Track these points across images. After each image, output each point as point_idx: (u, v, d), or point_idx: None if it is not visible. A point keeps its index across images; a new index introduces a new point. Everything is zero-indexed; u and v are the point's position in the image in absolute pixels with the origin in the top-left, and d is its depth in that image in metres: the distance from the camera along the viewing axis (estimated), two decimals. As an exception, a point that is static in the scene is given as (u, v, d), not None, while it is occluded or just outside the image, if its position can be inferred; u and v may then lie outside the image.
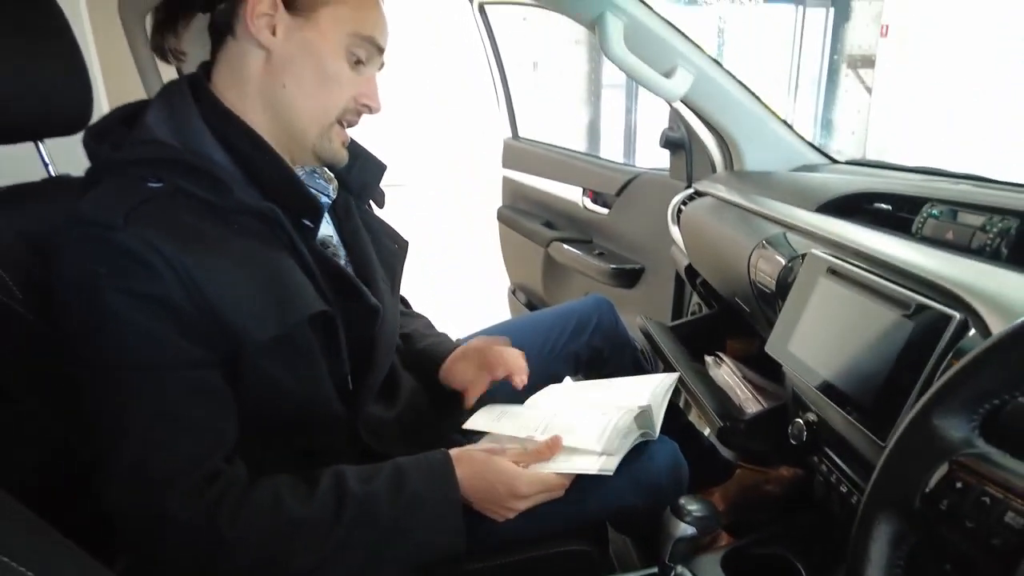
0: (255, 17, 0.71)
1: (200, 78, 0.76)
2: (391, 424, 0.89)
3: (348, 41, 0.74)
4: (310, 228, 0.77)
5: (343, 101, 0.77)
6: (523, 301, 2.43)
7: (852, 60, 7.70)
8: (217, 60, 0.76)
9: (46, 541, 0.43)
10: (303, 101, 0.75)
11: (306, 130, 0.76)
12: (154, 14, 0.78)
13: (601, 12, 1.25)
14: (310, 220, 0.76)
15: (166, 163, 0.67)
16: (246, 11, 0.71)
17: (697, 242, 1.40)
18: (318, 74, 0.74)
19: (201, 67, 0.78)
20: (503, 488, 0.75)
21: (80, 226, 0.62)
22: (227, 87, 0.75)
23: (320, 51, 0.73)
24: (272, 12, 0.71)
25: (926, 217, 0.86)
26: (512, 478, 0.76)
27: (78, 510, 0.70)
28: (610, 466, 0.77)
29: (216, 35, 0.76)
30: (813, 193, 1.08)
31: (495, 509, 0.76)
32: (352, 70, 0.76)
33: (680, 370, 1.22)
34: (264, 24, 0.71)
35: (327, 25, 0.73)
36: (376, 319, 0.82)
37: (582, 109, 7.76)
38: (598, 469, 0.77)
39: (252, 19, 0.71)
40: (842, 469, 0.81)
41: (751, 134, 1.40)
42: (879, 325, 0.72)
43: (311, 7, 0.72)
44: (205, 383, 0.66)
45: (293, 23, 0.72)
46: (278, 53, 0.73)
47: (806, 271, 0.87)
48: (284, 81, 0.74)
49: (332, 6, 0.73)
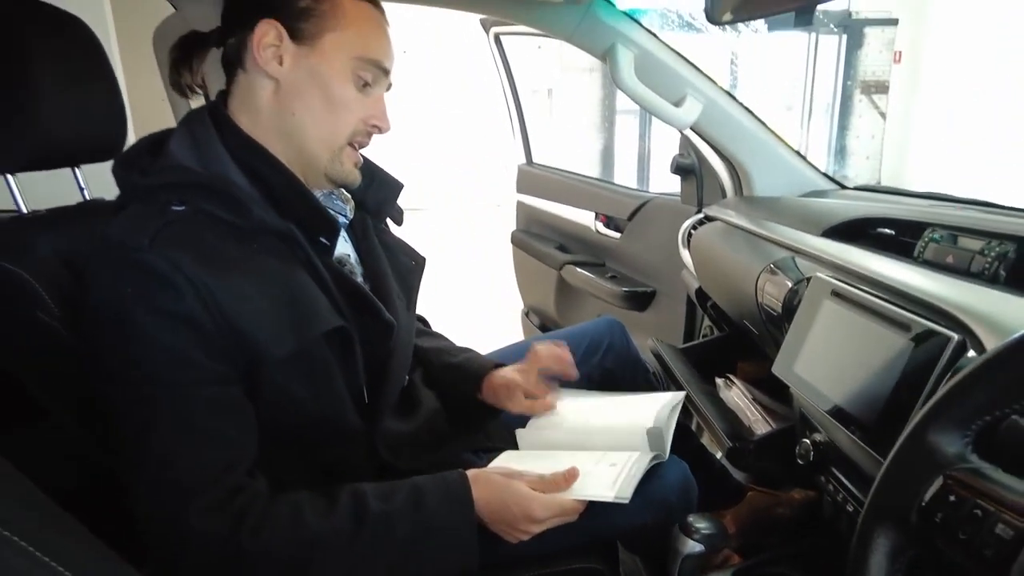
0: (262, 49, 0.74)
1: (218, 106, 0.79)
2: (408, 439, 0.90)
3: (353, 65, 0.77)
4: (326, 246, 0.80)
5: (352, 124, 0.79)
6: (536, 323, 2.45)
7: (866, 86, 7.73)
8: (231, 91, 0.80)
9: (84, 544, 0.45)
10: (313, 127, 0.78)
11: (318, 154, 0.79)
12: (169, 52, 0.83)
13: (612, 44, 1.29)
14: (326, 238, 0.79)
15: (188, 187, 0.71)
16: (253, 44, 0.74)
17: (707, 266, 1.42)
18: (326, 100, 0.77)
19: (219, 95, 0.82)
20: (519, 511, 0.75)
21: (108, 248, 0.66)
22: (241, 115, 0.78)
23: (326, 77, 0.76)
24: (278, 43, 0.75)
25: (927, 241, 0.88)
26: (528, 501, 0.76)
27: (109, 519, 0.73)
28: (626, 493, 0.77)
29: (228, 68, 0.80)
30: (819, 218, 1.10)
31: (509, 531, 0.77)
32: (360, 92, 0.79)
33: (691, 392, 1.24)
34: (271, 55, 0.75)
35: (332, 51, 0.76)
36: (391, 334, 0.84)
37: (596, 135, 7.84)
38: (614, 496, 0.77)
39: (259, 51, 0.74)
40: (848, 489, 0.82)
41: (760, 160, 1.43)
42: (881, 346, 0.73)
43: (315, 35, 0.75)
44: (227, 398, 0.68)
45: (299, 52, 0.75)
46: (286, 82, 0.76)
47: (811, 294, 0.89)
48: (294, 109, 0.77)
49: (335, 32, 0.76)
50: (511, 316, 2.74)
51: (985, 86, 6.24)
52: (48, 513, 0.44)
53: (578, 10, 1.27)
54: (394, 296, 0.90)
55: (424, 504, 0.73)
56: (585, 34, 1.30)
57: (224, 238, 0.70)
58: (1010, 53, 5.89)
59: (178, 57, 0.83)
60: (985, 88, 6.25)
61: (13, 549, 0.36)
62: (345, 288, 0.80)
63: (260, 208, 0.73)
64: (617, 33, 1.29)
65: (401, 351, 0.89)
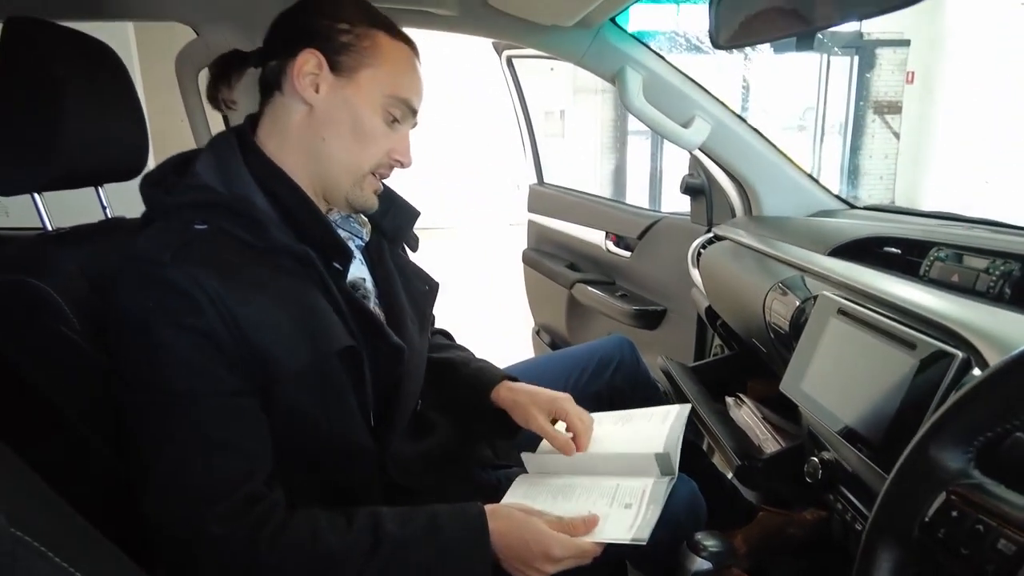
0: (301, 76, 0.78)
1: (245, 130, 0.83)
2: (418, 459, 0.91)
3: (384, 101, 0.81)
4: (339, 271, 0.82)
5: (377, 156, 0.83)
6: (547, 341, 2.46)
7: (879, 106, 7.73)
8: (263, 112, 0.83)
9: (100, 550, 0.47)
10: (340, 153, 0.81)
11: (341, 180, 0.82)
12: (210, 68, 0.87)
13: (621, 66, 1.32)
14: (339, 263, 0.82)
15: (210, 206, 0.74)
16: (293, 70, 0.78)
17: (716, 284, 1.43)
18: (355, 130, 0.80)
19: (247, 120, 0.85)
20: (537, 549, 0.75)
21: (133, 262, 0.69)
22: (270, 137, 0.82)
23: (358, 109, 0.80)
24: (317, 72, 0.78)
25: (933, 260, 0.89)
26: (548, 539, 0.75)
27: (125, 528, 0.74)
28: (643, 535, 0.76)
29: (265, 89, 0.83)
30: (826, 237, 1.11)
31: (523, 568, 0.76)
32: (387, 127, 0.82)
33: (701, 410, 1.24)
34: (309, 82, 0.78)
35: (366, 86, 0.80)
36: (401, 357, 0.85)
37: (608, 156, 7.88)
38: (631, 539, 0.76)
39: (299, 78, 0.78)
40: (856, 507, 0.82)
41: (769, 180, 1.44)
42: (887, 364, 0.74)
43: (353, 69, 0.79)
44: (245, 410, 0.70)
45: (336, 82, 0.79)
46: (320, 109, 0.79)
47: (817, 312, 0.90)
48: (324, 135, 0.80)
49: (372, 68, 0.80)
50: (523, 334, 2.74)
51: (999, 105, 6.22)
52: (67, 520, 0.46)
53: (588, 34, 1.30)
54: (408, 320, 0.91)
55: (441, 532, 0.73)
56: (595, 57, 1.33)
57: (242, 257, 0.72)
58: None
59: (218, 73, 0.86)
60: (999, 107, 6.22)
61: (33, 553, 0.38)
62: (356, 311, 0.81)
63: (278, 230, 0.76)
64: (626, 56, 1.31)
65: (413, 374, 0.90)
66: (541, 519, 0.78)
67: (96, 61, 0.97)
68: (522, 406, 0.95)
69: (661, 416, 0.95)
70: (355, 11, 0.81)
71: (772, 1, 0.86)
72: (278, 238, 0.75)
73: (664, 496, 0.81)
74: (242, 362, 0.69)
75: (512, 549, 0.75)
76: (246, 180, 0.77)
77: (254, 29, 1.26)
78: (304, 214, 0.79)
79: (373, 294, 0.91)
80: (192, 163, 0.78)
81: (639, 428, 0.96)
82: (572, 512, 0.80)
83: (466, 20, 1.30)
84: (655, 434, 0.90)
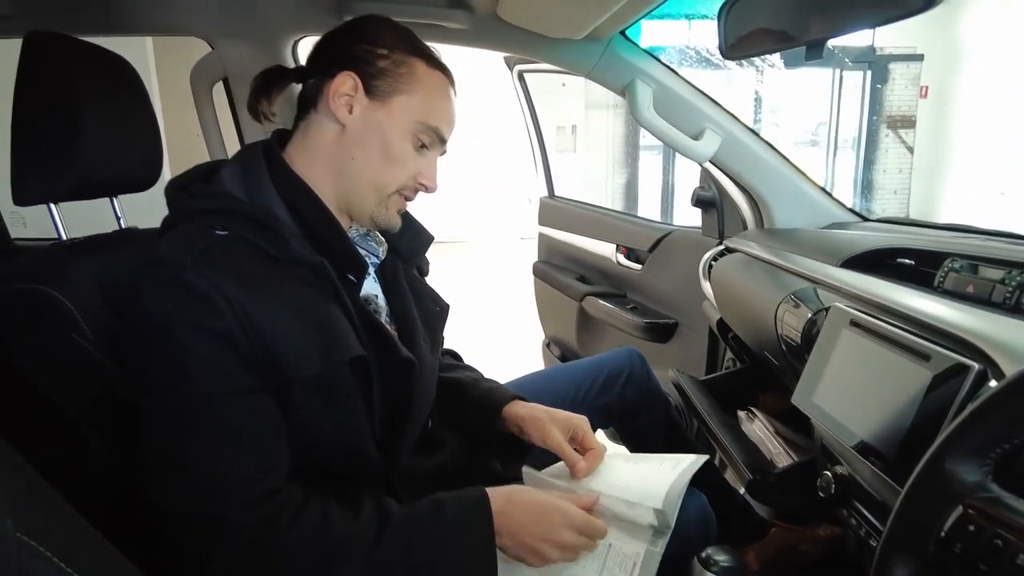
0: (337, 96, 0.81)
1: (273, 144, 0.85)
2: (425, 475, 0.91)
3: (415, 127, 0.83)
4: (354, 283, 0.83)
5: (403, 178, 0.85)
6: (557, 354, 2.45)
7: (892, 121, 7.71)
8: (297, 127, 0.86)
9: (101, 552, 0.47)
10: (368, 173, 0.83)
11: (367, 198, 0.84)
12: (253, 81, 0.89)
13: (631, 79, 1.33)
14: (354, 276, 0.83)
15: (232, 214, 0.75)
16: (330, 90, 0.81)
17: (727, 297, 1.42)
18: (384, 152, 0.83)
19: (275, 134, 0.87)
20: (558, 517, 0.76)
21: (154, 265, 0.70)
22: (299, 153, 0.84)
23: (388, 132, 0.82)
24: (352, 93, 0.81)
25: (947, 271, 0.88)
26: (567, 508, 0.77)
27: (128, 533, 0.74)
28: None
29: (303, 106, 0.86)
30: (838, 249, 1.10)
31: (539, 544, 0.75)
32: (415, 151, 0.85)
33: (712, 424, 1.22)
34: (343, 103, 0.81)
35: (399, 111, 0.83)
36: (411, 371, 0.86)
37: (620, 170, 7.90)
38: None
39: (334, 98, 0.81)
40: (871, 522, 0.80)
41: (780, 193, 1.43)
42: (901, 376, 0.73)
43: (388, 94, 0.82)
44: (263, 407, 0.71)
45: (370, 105, 0.82)
46: (352, 129, 0.82)
47: (829, 324, 0.89)
48: (354, 154, 0.83)
49: (406, 95, 0.83)
50: (535, 347, 2.74)
51: (1014, 118, 6.18)
52: (72, 524, 0.46)
53: (598, 46, 1.30)
54: (420, 338, 0.92)
55: (443, 512, 0.74)
56: (605, 70, 1.34)
57: (260, 265, 0.74)
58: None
59: (259, 86, 0.88)
60: (1014, 119, 6.18)
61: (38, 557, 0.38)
62: (367, 324, 0.82)
63: (297, 241, 0.77)
64: (636, 69, 1.32)
65: (424, 391, 0.91)
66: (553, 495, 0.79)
67: (113, 74, 0.99)
68: (540, 421, 0.95)
69: (673, 463, 0.91)
70: (396, 38, 0.84)
71: (779, 12, 0.86)
72: (296, 249, 0.76)
73: (654, 567, 0.80)
74: (258, 364, 0.70)
75: (529, 522, 0.76)
76: (269, 191, 0.79)
77: (268, 43, 1.29)
78: (322, 226, 0.81)
79: (385, 311, 0.92)
80: (218, 171, 0.79)
81: (647, 471, 0.92)
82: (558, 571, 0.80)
83: (477, 34, 1.31)
84: (661, 483, 0.86)
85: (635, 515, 0.84)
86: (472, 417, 1.01)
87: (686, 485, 0.86)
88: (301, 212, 0.80)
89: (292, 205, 0.80)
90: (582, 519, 0.77)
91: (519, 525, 0.76)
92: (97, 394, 0.79)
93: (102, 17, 1.27)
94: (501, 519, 0.75)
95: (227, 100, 1.36)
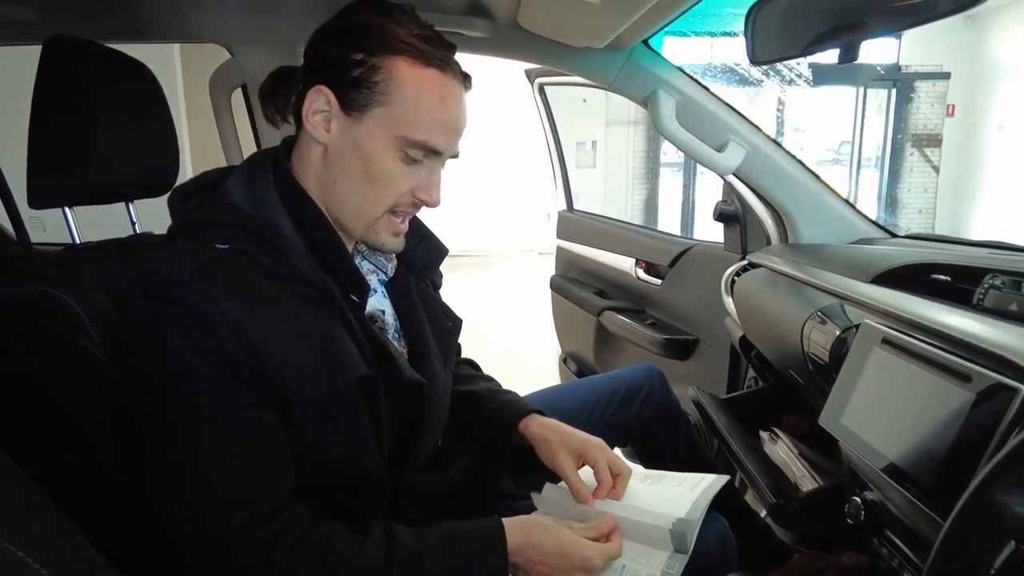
0: (312, 114, 0.75)
1: (280, 153, 0.81)
2: (434, 494, 0.89)
3: (396, 143, 0.75)
4: (356, 303, 0.80)
5: (391, 198, 0.78)
6: (573, 369, 2.41)
7: (917, 139, 7.61)
8: (298, 138, 0.81)
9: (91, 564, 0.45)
10: (352, 195, 0.77)
11: (353, 223, 0.79)
12: (262, 86, 0.86)
13: (653, 89, 1.30)
14: (356, 296, 0.79)
15: (234, 227, 0.72)
16: (305, 108, 0.75)
17: (750, 313, 1.38)
18: (366, 172, 0.76)
19: (283, 143, 0.83)
20: (576, 558, 0.73)
21: (150, 279, 0.68)
22: (297, 168, 0.80)
23: (368, 150, 0.75)
24: (327, 108, 0.75)
25: (987, 288, 0.83)
26: (585, 547, 0.74)
27: (135, 547, 0.73)
28: None
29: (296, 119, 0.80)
30: (868, 264, 1.06)
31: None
32: (406, 167, 0.77)
33: (733, 445, 1.18)
34: (320, 120, 0.75)
35: (375, 126, 0.74)
36: (419, 392, 0.83)
37: (640, 186, 7.88)
38: None
39: (309, 116, 0.75)
40: (904, 553, 0.76)
41: (806, 207, 1.39)
42: (938, 398, 0.69)
43: (364, 107, 0.74)
44: (264, 424, 0.69)
45: (347, 121, 0.75)
46: (332, 148, 0.76)
47: (860, 342, 0.85)
48: (335, 176, 0.77)
49: (384, 107, 0.74)
50: (554, 362, 2.70)
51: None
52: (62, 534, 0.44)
53: (620, 56, 1.28)
54: (432, 355, 0.89)
55: (456, 545, 0.71)
56: (627, 80, 1.31)
57: (262, 281, 0.71)
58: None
59: (268, 90, 0.85)
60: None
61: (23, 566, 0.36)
62: (372, 343, 0.79)
63: (300, 258, 0.74)
64: (658, 79, 1.30)
65: (435, 410, 0.88)
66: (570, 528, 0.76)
67: (130, 78, 0.99)
68: (550, 444, 0.92)
69: (692, 483, 0.88)
70: (375, 37, 0.74)
71: (808, 14, 0.83)
72: (298, 266, 0.73)
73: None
74: (257, 383, 0.68)
75: (546, 560, 0.73)
76: (274, 204, 0.76)
77: (287, 50, 1.29)
78: (325, 244, 0.77)
79: (392, 328, 0.89)
80: (224, 180, 0.77)
81: (665, 492, 0.89)
82: None
83: (498, 43, 1.30)
84: (679, 503, 0.83)
85: (653, 536, 0.80)
86: (486, 432, 0.98)
87: (707, 506, 0.83)
88: (305, 227, 0.77)
89: (296, 219, 0.77)
90: (601, 559, 0.74)
91: (534, 563, 0.73)
92: (101, 397, 0.78)
93: (125, 24, 1.28)
94: (516, 557, 0.73)
95: (245, 108, 1.36)
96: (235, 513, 0.65)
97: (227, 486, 0.65)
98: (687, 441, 1.22)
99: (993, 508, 0.47)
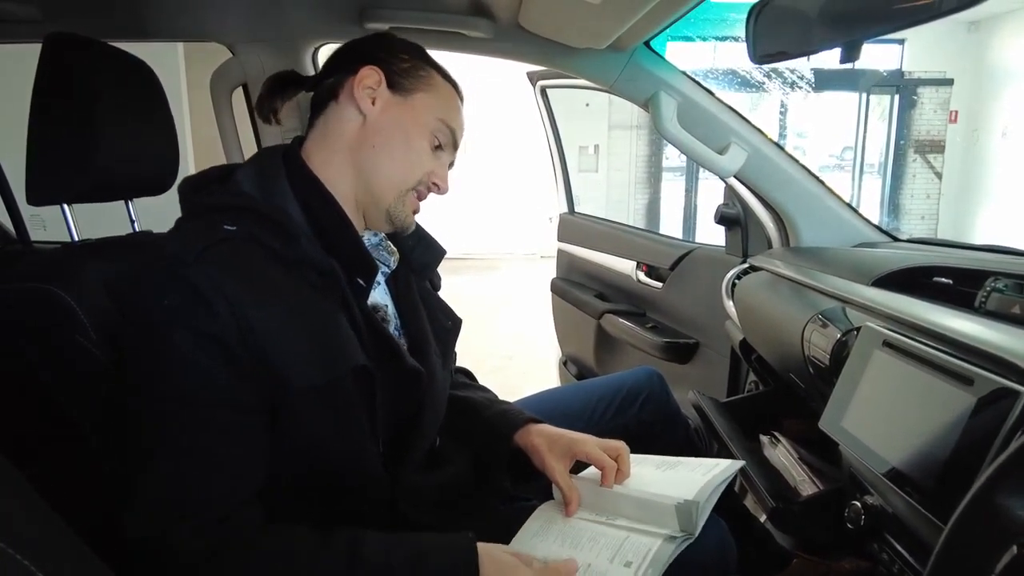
0: (361, 87, 0.82)
1: (293, 147, 0.84)
2: (431, 493, 0.88)
3: (434, 125, 0.85)
4: (363, 288, 0.80)
5: (419, 174, 0.85)
6: (573, 372, 2.41)
7: (920, 145, 7.61)
8: (314, 125, 0.86)
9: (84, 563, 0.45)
10: (388, 163, 0.83)
11: (385, 191, 0.84)
12: (265, 83, 0.89)
13: (655, 91, 1.30)
14: (363, 279, 0.80)
15: (241, 210, 0.73)
16: (354, 81, 0.82)
17: (751, 316, 1.37)
18: (404, 146, 0.84)
19: (295, 140, 0.87)
20: None
21: (158, 259, 0.68)
22: (317, 149, 0.83)
23: (409, 127, 0.84)
24: (375, 87, 0.83)
25: (990, 291, 0.83)
26: None
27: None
28: None
29: (317, 105, 0.86)
30: (869, 267, 1.05)
31: None
32: (431, 151, 0.86)
33: (733, 448, 1.17)
34: (367, 95, 0.82)
35: (420, 107, 0.85)
36: (419, 381, 0.83)
37: (642, 191, 7.89)
38: None
39: (359, 88, 0.82)
40: (904, 558, 0.75)
41: (807, 211, 1.39)
42: (939, 400, 0.68)
43: (410, 91, 0.85)
44: (242, 425, 0.68)
45: (392, 100, 0.84)
46: (373, 121, 0.83)
47: (860, 345, 0.84)
48: (374, 143, 0.83)
49: (426, 93, 0.85)
50: (549, 364, 2.70)
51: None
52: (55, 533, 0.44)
53: (621, 57, 1.28)
54: (431, 351, 0.90)
55: (425, 563, 0.69)
56: (628, 82, 1.31)
57: (268, 265, 0.71)
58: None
59: (272, 89, 0.89)
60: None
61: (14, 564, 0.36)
62: (374, 332, 0.80)
63: (307, 241, 0.75)
64: (660, 81, 1.29)
65: (433, 405, 0.88)
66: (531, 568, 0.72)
67: (130, 76, 0.99)
68: (539, 451, 0.91)
69: (706, 468, 0.87)
70: (414, 50, 0.88)
71: (810, 13, 0.83)
72: (305, 249, 0.74)
73: (668, 559, 0.74)
74: (252, 373, 0.67)
75: None
76: (284, 191, 0.78)
77: (288, 50, 1.29)
78: (334, 226, 0.79)
79: (395, 322, 0.90)
80: (234, 173, 0.78)
81: (678, 476, 0.88)
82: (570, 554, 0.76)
83: (499, 43, 1.30)
84: (688, 485, 0.83)
85: (659, 513, 0.79)
86: (482, 441, 0.97)
87: (719, 488, 0.82)
88: (315, 212, 0.79)
89: (306, 205, 0.78)
90: None
91: None
92: (98, 396, 0.78)
93: (126, 23, 1.28)
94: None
95: (246, 106, 1.36)
96: (189, 514, 0.64)
97: (189, 485, 0.65)
98: (687, 444, 1.21)
99: (995, 512, 0.47)
